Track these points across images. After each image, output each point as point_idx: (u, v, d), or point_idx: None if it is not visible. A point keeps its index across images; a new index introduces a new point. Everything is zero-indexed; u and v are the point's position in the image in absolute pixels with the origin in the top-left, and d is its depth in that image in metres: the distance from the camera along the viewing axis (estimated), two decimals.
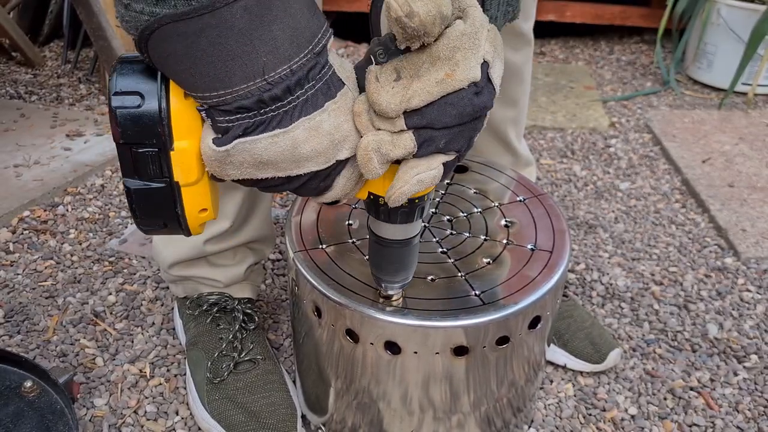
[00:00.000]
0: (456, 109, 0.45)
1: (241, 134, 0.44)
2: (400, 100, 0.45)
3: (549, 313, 0.72)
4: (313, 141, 0.45)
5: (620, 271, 1.19)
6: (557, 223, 0.79)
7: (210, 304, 0.92)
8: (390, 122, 0.46)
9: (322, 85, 0.45)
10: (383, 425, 0.74)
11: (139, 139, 0.44)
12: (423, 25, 0.42)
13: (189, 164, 0.46)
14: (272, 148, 0.44)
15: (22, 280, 1.11)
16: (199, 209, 0.49)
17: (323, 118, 0.45)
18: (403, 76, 0.45)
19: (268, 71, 0.42)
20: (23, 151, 1.48)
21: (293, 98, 0.44)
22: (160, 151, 0.45)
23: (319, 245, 0.74)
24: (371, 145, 0.46)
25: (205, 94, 0.43)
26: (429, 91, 0.45)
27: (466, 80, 0.45)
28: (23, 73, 1.95)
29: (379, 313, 0.65)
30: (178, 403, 0.90)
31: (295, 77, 0.43)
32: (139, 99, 0.44)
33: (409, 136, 0.46)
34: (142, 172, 0.46)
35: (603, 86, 2.03)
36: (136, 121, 0.44)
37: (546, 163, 1.57)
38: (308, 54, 0.43)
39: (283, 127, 0.44)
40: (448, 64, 0.44)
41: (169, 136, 0.45)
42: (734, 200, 1.40)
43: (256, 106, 0.43)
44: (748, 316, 1.09)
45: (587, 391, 0.94)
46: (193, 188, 0.47)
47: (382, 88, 0.45)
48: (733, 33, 1.91)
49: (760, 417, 0.91)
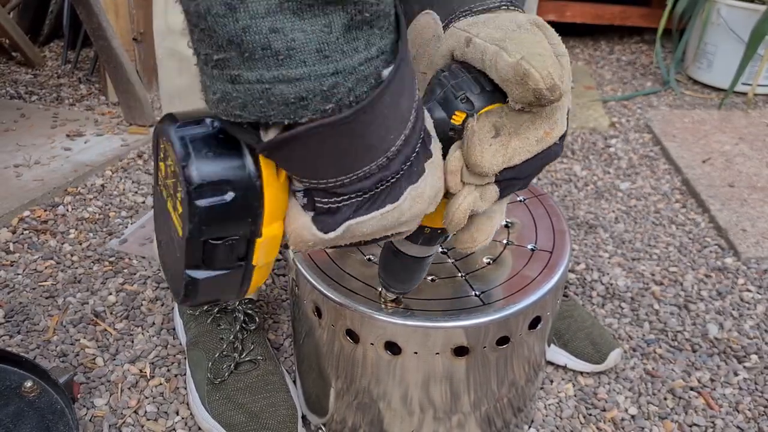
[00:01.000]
0: (543, 162, 0.45)
1: (351, 216, 0.38)
2: (502, 160, 0.43)
3: (549, 313, 0.72)
4: (416, 208, 0.41)
5: (620, 271, 1.19)
6: (557, 223, 0.79)
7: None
8: (479, 177, 0.44)
9: (421, 145, 0.40)
10: (383, 425, 0.74)
11: (222, 233, 0.36)
12: (561, 97, 0.40)
13: (273, 247, 0.39)
14: (379, 223, 0.40)
15: (22, 280, 1.11)
16: (263, 279, 0.42)
17: (426, 182, 0.41)
18: (503, 132, 0.43)
19: (390, 145, 0.36)
20: (23, 151, 1.48)
21: (403, 167, 0.38)
22: (243, 238, 0.37)
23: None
24: (468, 205, 0.44)
25: (323, 180, 0.36)
26: (529, 150, 0.43)
27: (559, 135, 0.44)
28: (23, 73, 1.95)
29: (379, 314, 0.65)
30: (179, 404, 0.90)
31: (410, 145, 0.38)
32: (230, 190, 0.35)
33: (494, 189, 0.45)
34: (214, 263, 0.38)
35: (603, 86, 2.03)
36: (223, 216, 0.35)
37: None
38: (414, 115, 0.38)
39: (393, 201, 0.39)
40: (548, 123, 0.43)
41: (261, 225, 0.37)
42: (734, 200, 1.40)
43: (375, 186, 0.38)
44: (748, 316, 1.09)
45: (587, 391, 0.94)
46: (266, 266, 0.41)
47: (484, 148, 0.42)
48: (733, 33, 1.91)
49: (760, 417, 0.91)
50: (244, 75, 0.31)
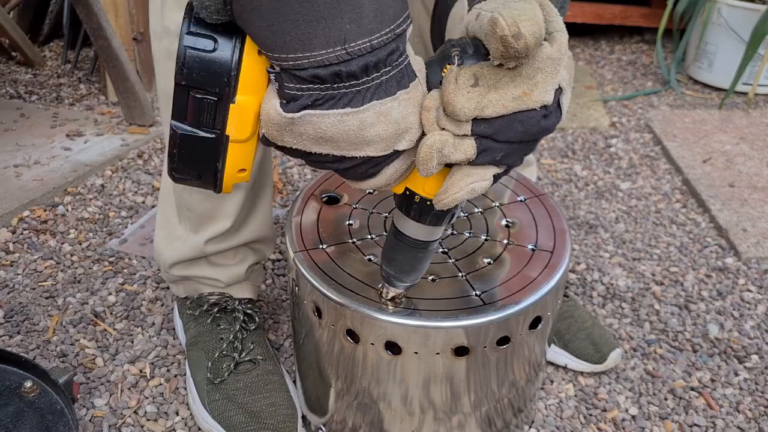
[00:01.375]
0: (523, 127, 0.46)
1: (309, 105, 0.44)
2: (474, 106, 0.45)
3: (550, 313, 0.72)
4: (380, 126, 0.45)
5: (621, 271, 1.19)
6: (558, 223, 0.79)
7: (210, 304, 0.92)
8: (457, 125, 0.46)
9: (397, 72, 0.45)
10: (384, 426, 0.74)
11: (202, 84, 0.43)
12: (527, 48, 0.42)
13: (246, 120, 0.45)
14: (338, 126, 0.44)
15: (22, 280, 1.11)
16: (238, 168, 0.48)
17: (393, 105, 0.45)
18: (481, 83, 0.45)
19: (349, 40, 0.42)
20: (23, 151, 1.48)
21: (368, 79, 0.44)
22: (220, 101, 0.44)
23: (320, 245, 0.74)
24: (436, 144, 0.46)
25: (282, 55, 0.42)
26: (504, 104, 0.45)
27: (540, 102, 0.45)
28: (23, 72, 1.95)
29: (379, 314, 0.65)
30: (179, 404, 0.90)
31: (375, 57, 0.43)
32: (213, 43, 0.43)
33: (471, 143, 0.46)
34: (194, 118, 0.45)
35: (603, 86, 2.03)
36: (204, 65, 0.43)
37: (546, 163, 1.57)
38: (389, 33, 0.43)
39: (354, 106, 0.44)
40: (527, 83, 0.45)
41: (235, 87, 0.44)
42: (735, 200, 1.40)
43: (331, 79, 0.43)
44: (748, 317, 1.09)
45: (588, 392, 0.94)
46: (241, 145, 0.46)
47: (459, 90, 0.45)
48: (733, 33, 1.91)
49: (760, 417, 0.91)
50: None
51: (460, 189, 0.48)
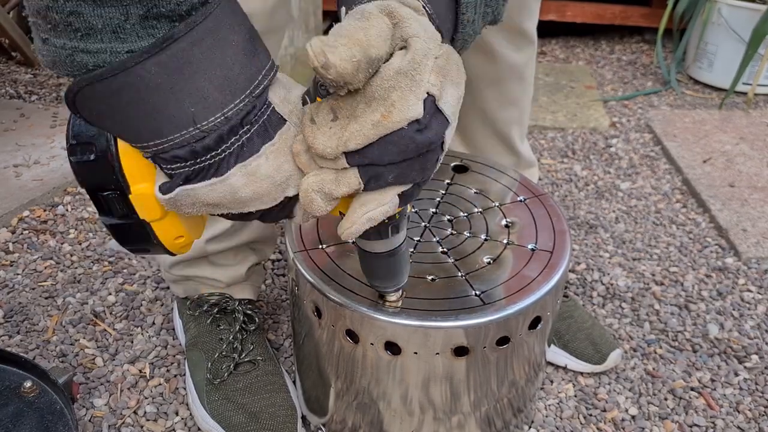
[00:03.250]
0: (397, 147, 0.43)
1: (182, 183, 0.44)
2: (336, 143, 0.43)
3: (549, 313, 0.72)
4: (252, 186, 0.44)
5: (621, 271, 1.19)
6: (558, 223, 0.79)
7: (210, 304, 0.91)
8: (332, 162, 0.44)
9: (258, 127, 0.43)
10: (383, 426, 0.74)
11: (100, 186, 0.46)
12: (341, 76, 0.39)
13: (149, 204, 0.47)
14: (212, 195, 0.44)
15: (21, 280, 1.11)
16: (173, 237, 0.50)
17: (260, 162, 0.44)
18: (340, 116, 0.43)
19: (199, 121, 0.41)
20: (23, 151, 1.48)
21: (227, 146, 0.43)
22: (121, 194, 0.47)
23: (319, 245, 0.74)
24: (312, 186, 0.45)
25: (142, 144, 0.42)
26: (365, 134, 0.42)
27: (405, 120, 0.42)
28: (23, 72, 1.95)
29: (379, 314, 0.65)
30: (178, 404, 0.90)
31: (228, 125, 0.42)
32: (93, 150, 0.45)
33: (353, 174, 0.44)
34: (111, 212, 0.48)
35: (604, 86, 2.03)
36: (92, 172, 0.46)
37: (546, 163, 1.57)
38: (245, 99, 0.42)
39: (219, 175, 0.43)
40: (383, 105, 0.42)
41: (125, 182, 0.46)
42: (735, 200, 1.40)
43: (190, 156, 0.42)
44: (748, 317, 1.09)
45: (588, 392, 0.94)
46: (160, 222, 0.49)
47: (318, 130, 0.43)
48: (734, 33, 1.91)
49: (760, 417, 0.91)
50: (51, 40, 0.39)
51: (353, 222, 0.46)
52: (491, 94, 0.93)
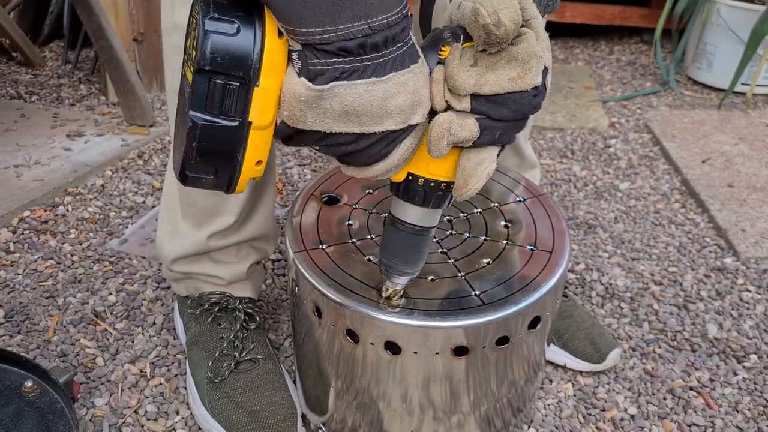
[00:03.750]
0: (516, 105, 0.50)
1: (337, 77, 0.46)
2: (474, 82, 0.49)
3: (549, 313, 0.72)
4: (400, 96, 0.48)
5: (620, 271, 1.19)
6: (557, 223, 0.79)
7: (211, 303, 0.92)
8: (458, 100, 0.50)
9: (408, 48, 0.49)
10: (383, 425, 0.74)
11: (226, 68, 0.43)
12: (507, 35, 0.47)
13: (269, 104, 0.45)
14: (365, 96, 0.47)
15: (22, 280, 1.11)
16: (257, 159, 0.48)
17: (410, 77, 0.49)
18: (480, 64, 0.49)
19: (372, 15, 0.45)
20: (24, 151, 1.48)
21: (388, 52, 0.47)
22: (243, 85, 0.43)
23: (319, 245, 0.74)
24: (445, 123, 0.50)
25: (310, 29, 0.44)
26: (500, 84, 0.49)
27: (532, 84, 0.50)
28: (24, 73, 1.95)
29: (379, 314, 0.65)
30: (179, 403, 0.90)
31: (392, 32, 0.46)
32: (236, 27, 0.43)
33: (473, 121, 0.50)
34: (215, 106, 0.44)
35: (603, 86, 2.03)
36: (228, 49, 0.42)
37: (546, 163, 1.57)
38: (400, 12, 0.47)
39: (379, 76, 0.47)
40: (522, 67, 0.49)
41: (259, 69, 0.44)
42: (734, 200, 1.40)
43: (357, 51, 0.45)
44: (747, 316, 1.09)
45: (587, 391, 0.94)
46: (261, 133, 0.46)
47: (461, 66, 0.49)
48: (732, 33, 1.91)
49: (759, 417, 0.91)
50: None
51: (479, 178, 0.52)
52: None
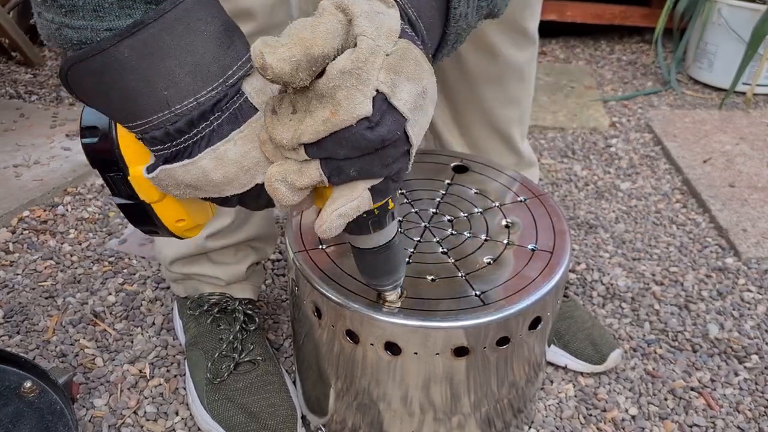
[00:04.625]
0: (350, 144, 0.44)
1: (162, 163, 0.47)
2: (292, 135, 0.44)
3: (549, 313, 0.72)
4: (221, 169, 0.46)
5: (621, 272, 1.19)
6: (558, 223, 0.79)
7: (211, 304, 0.92)
8: (294, 152, 0.45)
9: (229, 115, 0.46)
10: (383, 426, 0.74)
11: (104, 167, 0.51)
12: (279, 77, 0.41)
13: (146, 186, 0.50)
14: (187, 176, 0.47)
15: (21, 280, 1.11)
16: (175, 220, 0.53)
17: (228, 147, 0.46)
18: (298, 109, 0.45)
19: (172, 104, 0.44)
20: (23, 151, 1.47)
21: (198, 130, 0.45)
22: (123, 175, 0.50)
23: (319, 246, 0.74)
24: (275, 175, 0.46)
25: (128, 125, 0.46)
26: (316, 129, 0.43)
27: (352, 118, 0.42)
28: (23, 73, 1.95)
29: (379, 314, 0.65)
30: (178, 404, 0.90)
31: (200, 110, 0.45)
32: (97, 132, 0.49)
33: (314, 165, 0.45)
34: (118, 192, 0.52)
35: (603, 86, 2.03)
36: (97, 153, 0.50)
37: (546, 163, 1.57)
38: (218, 87, 0.45)
39: (191, 157, 0.46)
40: (331, 103, 0.43)
41: (123, 164, 0.50)
42: (735, 200, 1.40)
43: (166, 138, 0.46)
44: (748, 317, 1.09)
45: (588, 392, 0.94)
46: (160, 204, 0.52)
47: (278, 121, 0.45)
48: (733, 33, 1.91)
49: (760, 417, 0.91)
50: (42, 14, 0.43)
51: (326, 220, 0.47)
52: (492, 93, 0.94)
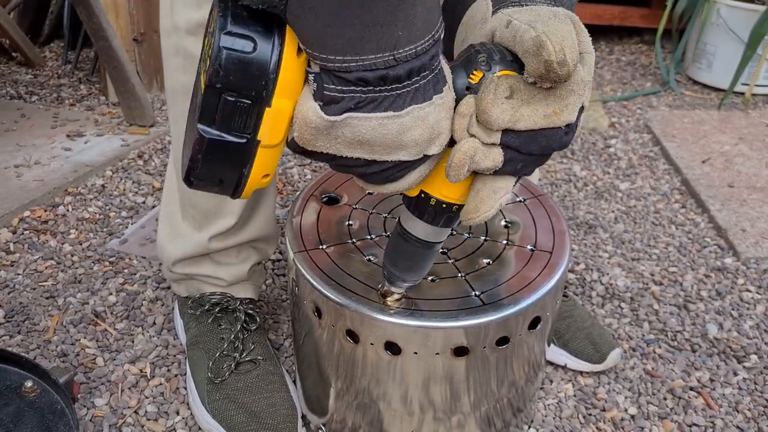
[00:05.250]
0: (546, 142, 0.48)
1: (352, 107, 0.43)
2: (509, 118, 0.46)
3: (549, 313, 0.72)
4: (417, 130, 0.45)
5: (620, 271, 1.19)
6: (557, 223, 0.79)
7: (212, 304, 0.92)
8: (487, 133, 0.47)
9: (434, 77, 0.45)
10: (383, 425, 0.74)
11: (238, 87, 0.41)
12: (568, 75, 0.44)
13: (280, 125, 0.43)
14: (379, 130, 0.44)
15: (22, 280, 1.11)
16: (263, 173, 0.46)
17: (430, 110, 0.45)
18: (516, 97, 0.46)
19: (399, 47, 0.42)
20: (24, 152, 1.48)
21: (411, 82, 0.44)
22: (255, 104, 0.42)
23: (320, 246, 0.74)
24: (468, 151, 0.47)
25: (330, 56, 0.41)
26: (535, 120, 0.46)
27: (566, 122, 0.47)
28: (24, 73, 1.95)
29: (379, 314, 0.65)
30: (179, 403, 0.90)
31: (419, 62, 0.43)
32: (252, 44, 0.41)
33: (498, 152, 0.48)
34: (224, 122, 0.42)
35: (603, 86, 2.03)
36: (242, 67, 0.40)
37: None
38: (431, 39, 0.44)
39: (396, 110, 0.44)
40: (559, 104, 0.46)
41: (272, 91, 0.42)
42: (734, 200, 1.40)
43: (376, 82, 0.42)
44: (747, 316, 1.09)
45: (587, 391, 0.94)
46: (270, 150, 0.44)
47: (496, 101, 0.46)
48: (732, 33, 1.91)
49: (759, 417, 0.91)
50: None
51: (491, 207, 0.50)
52: None
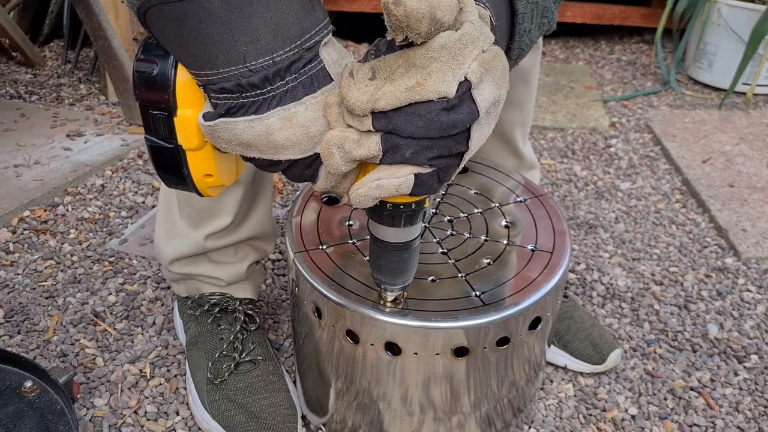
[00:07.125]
0: (422, 121, 0.44)
1: (223, 113, 0.47)
2: (368, 99, 0.44)
3: (549, 313, 0.72)
4: (287, 131, 0.47)
5: (620, 272, 1.19)
6: (558, 223, 0.79)
7: (211, 304, 0.92)
8: (358, 120, 0.46)
9: (305, 79, 0.47)
10: (383, 426, 0.74)
11: (150, 101, 0.50)
12: (407, 17, 0.41)
13: (190, 131, 0.51)
14: (248, 132, 0.47)
15: (22, 280, 1.11)
16: (203, 174, 0.54)
17: (299, 110, 0.47)
18: (378, 76, 0.45)
19: (249, 59, 0.45)
20: (23, 151, 1.48)
21: (272, 88, 0.46)
22: (168, 115, 0.50)
23: (320, 246, 0.74)
24: (334, 140, 0.47)
25: (195, 71, 0.47)
26: (397, 95, 0.43)
27: (436, 93, 0.43)
28: (23, 73, 1.95)
29: (379, 314, 0.65)
30: (179, 404, 0.90)
31: (275, 68, 0.45)
32: (154, 66, 0.49)
33: (375, 139, 0.46)
34: (155, 131, 0.52)
35: (603, 86, 2.03)
36: (148, 85, 0.50)
37: (546, 163, 1.57)
38: (295, 48, 0.45)
39: (259, 114, 0.46)
40: (421, 73, 0.43)
41: (174, 103, 0.50)
42: (734, 200, 1.40)
43: (236, 90, 0.46)
44: (748, 316, 1.09)
45: (587, 392, 0.94)
46: (196, 153, 0.52)
47: (354, 85, 0.45)
48: (733, 33, 1.91)
49: (760, 417, 0.91)
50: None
51: (364, 184, 0.47)
52: None
